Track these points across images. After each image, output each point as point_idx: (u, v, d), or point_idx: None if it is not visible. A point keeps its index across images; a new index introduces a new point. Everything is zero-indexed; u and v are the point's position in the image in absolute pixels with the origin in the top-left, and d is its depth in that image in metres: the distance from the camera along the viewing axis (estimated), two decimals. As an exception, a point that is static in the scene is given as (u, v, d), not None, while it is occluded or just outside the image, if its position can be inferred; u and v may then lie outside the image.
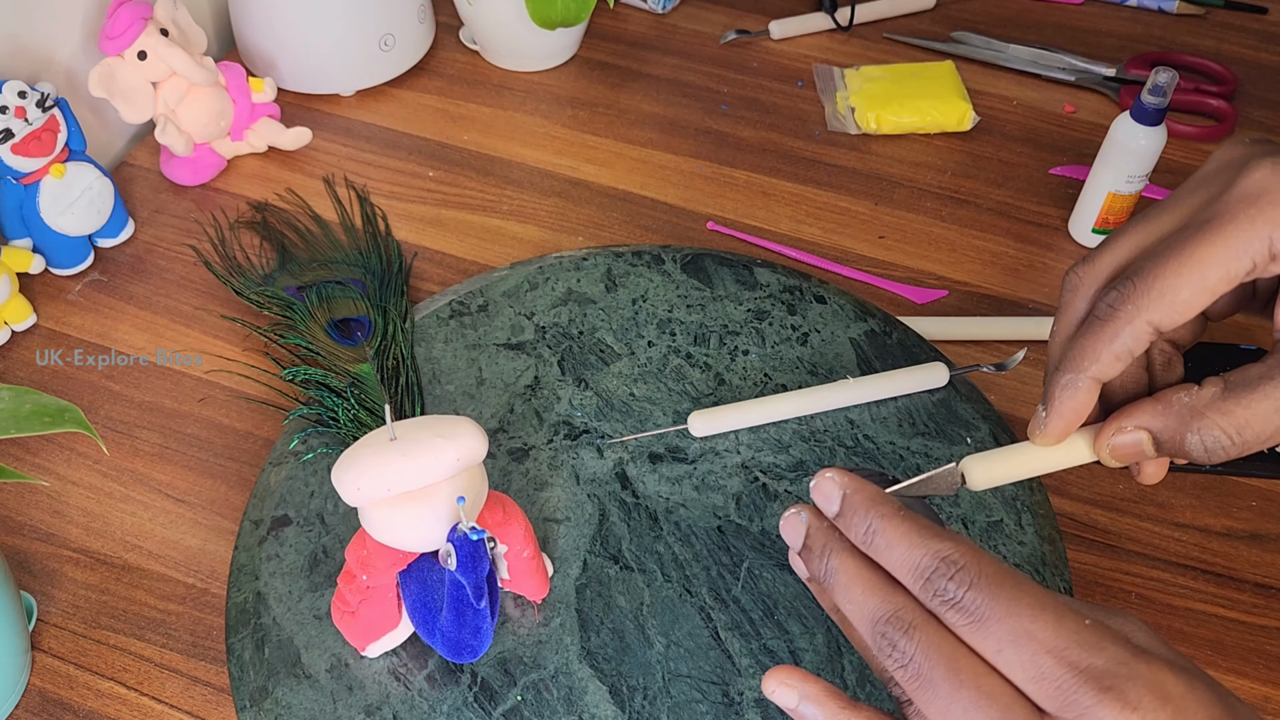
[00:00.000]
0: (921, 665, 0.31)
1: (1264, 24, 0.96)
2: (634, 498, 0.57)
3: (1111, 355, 0.37)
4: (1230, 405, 0.35)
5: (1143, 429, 0.37)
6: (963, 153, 0.83)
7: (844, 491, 0.35)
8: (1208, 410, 0.36)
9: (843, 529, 0.35)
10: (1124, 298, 0.36)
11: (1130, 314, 0.36)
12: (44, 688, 0.53)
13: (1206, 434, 0.36)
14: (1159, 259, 0.36)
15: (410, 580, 0.49)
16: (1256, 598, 0.57)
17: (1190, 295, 0.35)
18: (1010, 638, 0.30)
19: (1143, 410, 0.37)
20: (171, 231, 0.75)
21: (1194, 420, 0.36)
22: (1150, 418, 0.37)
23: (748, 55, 0.91)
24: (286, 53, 0.83)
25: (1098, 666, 0.29)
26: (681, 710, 0.49)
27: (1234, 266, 0.35)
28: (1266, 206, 0.35)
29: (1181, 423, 0.36)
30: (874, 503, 0.34)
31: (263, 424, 0.64)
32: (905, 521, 0.33)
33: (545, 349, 0.64)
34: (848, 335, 0.65)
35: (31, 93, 0.66)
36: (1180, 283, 0.35)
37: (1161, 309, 0.36)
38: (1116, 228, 0.39)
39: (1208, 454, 0.36)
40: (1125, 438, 0.38)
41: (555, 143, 0.83)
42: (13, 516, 0.59)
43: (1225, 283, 0.35)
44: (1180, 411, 0.36)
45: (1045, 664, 0.29)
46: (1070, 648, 0.29)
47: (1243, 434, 0.35)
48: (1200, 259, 0.35)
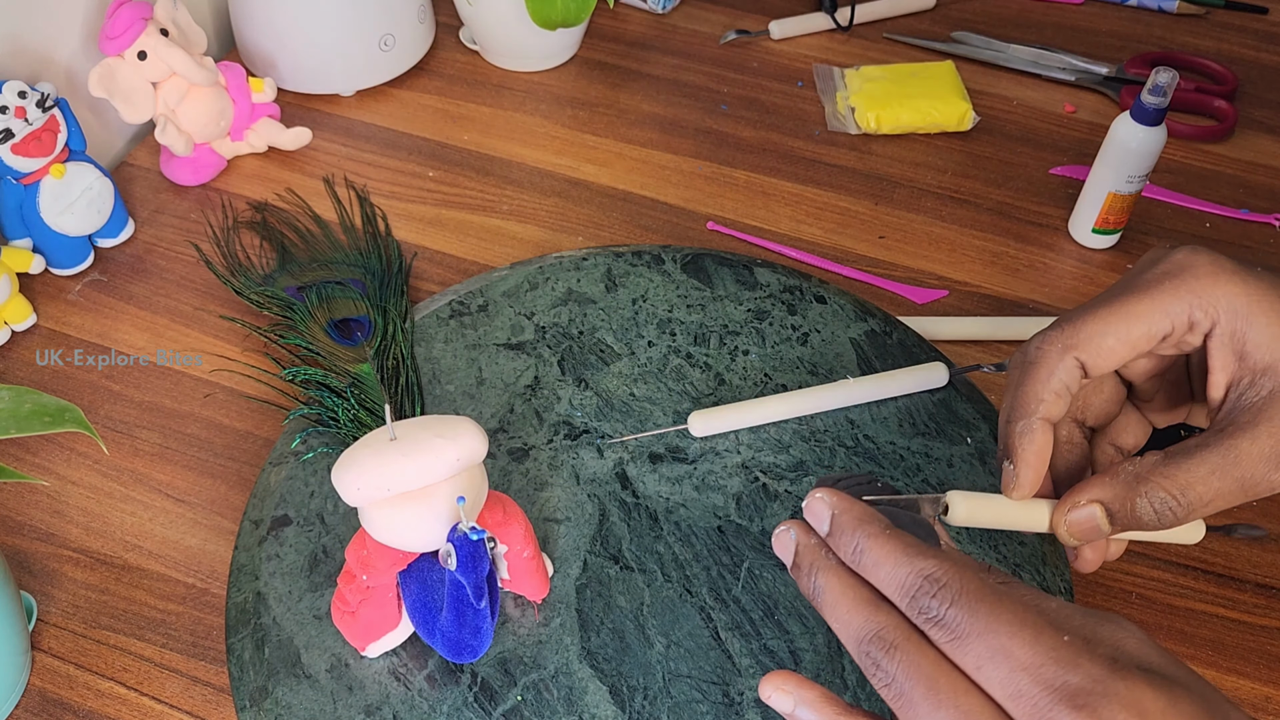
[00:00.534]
0: (903, 685, 0.32)
1: (1264, 24, 0.96)
2: (634, 498, 0.57)
3: (1051, 393, 0.40)
4: (1171, 469, 0.38)
5: (1095, 501, 0.40)
6: (963, 153, 0.83)
7: (833, 511, 0.36)
8: (1151, 475, 0.39)
9: (834, 548, 0.36)
10: (1050, 339, 0.41)
11: (1059, 351, 0.40)
12: (44, 688, 0.53)
13: (1153, 497, 0.39)
14: (1088, 309, 0.41)
15: (410, 580, 0.49)
16: (1257, 598, 0.57)
17: (1114, 343, 0.40)
18: (988, 654, 0.31)
19: (1092, 484, 0.40)
20: (171, 231, 0.75)
21: (1140, 485, 0.39)
22: (1099, 489, 0.40)
23: (748, 55, 0.91)
24: (286, 53, 0.83)
25: (1073, 684, 0.29)
26: (682, 710, 0.49)
27: (1155, 326, 0.40)
28: (1188, 279, 0.39)
29: (1129, 489, 0.39)
30: (861, 522, 0.35)
31: (263, 424, 0.64)
32: (891, 540, 0.34)
33: (545, 349, 0.64)
34: (848, 335, 0.65)
35: (31, 93, 0.66)
36: (1107, 329, 0.40)
37: (1089, 350, 0.40)
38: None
39: (1158, 516, 0.39)
40: (1080, 513, 0.40)
41: (555, 143, 0.83)
42: (13, 516, 0.59)
43: (1146, 339, 0.40)
44: (1126, 479, 0.39)
45: (1021, 682, 0.30)
46: (1046, 665, 0.30)
47: (1186, 494, 0.38)
48: (1126, 313, 0.40)
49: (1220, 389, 0.40)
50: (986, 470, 0.59)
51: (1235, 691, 0.54)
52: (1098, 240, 0.75)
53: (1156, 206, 0.78)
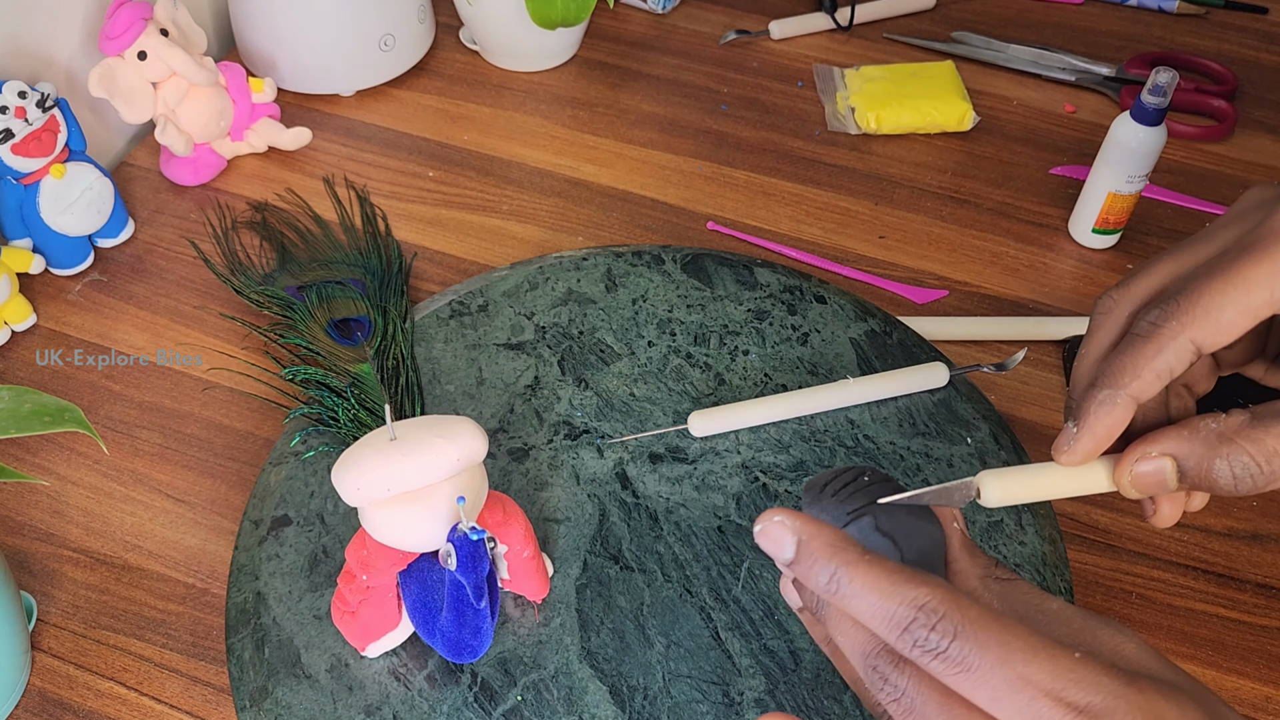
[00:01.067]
0: (914, 699, 0.31)
1: (1264, 24, 0.96)
2: (634, 498, 0.57)
3: (1153, 373, 0.36)
4: (1259, 433, 0.35)
5: (1168, 455, 0.36)
6: (963, 153, 0.83)
7: (798, 537, 0.33)
8: (1236, 436, 0.35)
9: (800, 577, 0.33)
10: (1167, 315, 0.36)
11: (1174, 330, 0.36)
12: (44, 688, 0.53)
13: (1235, 460, 0.35)
14: (1203, 279, 0.36)
15: (410, 580, 0.49)
16: (1257, 598, 0.57)
17: (1234, 315, 0.35)
18: (1006, 685, 0.29)
19: (1168, 436, 0.36)
20: (171, 231, 0.75)
21: (1222, 446, 0.35)
22: (1176, 444, 0.36)
23: (748, 55, 0.91)
24: (286, 53, 0.83)
25: (1095, 704, 0.29)
26: (681, 710, 0.49)
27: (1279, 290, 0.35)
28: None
29: (1209, 449, 0.35)
30: (835, 549, 0.33)
31: (263, 424, 0.64)
32: (873, 568, 0.32)
33: (545, 349, 0.64)
34: (848, 335, 0.65)
35: (31, 93, 0.66)
36: (1225, 301, 0.35)
37: (1206, 328, 0.35)
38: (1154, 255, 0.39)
39: (1235, 482, 0.35)
40: (1148, 465, 0.37)
41: (555, 143, 0.83)
42: (13, 516, 0.59)
43: (1269, 306, 0.35)
44: (1208, 437, 0.36)
45: (1044, 708, 0.29)
46: (1066, 688, 0.29)
47: (1271, 462, 0.35)
48: (1245, 279, 0.35)
49: None
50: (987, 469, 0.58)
51: (1235, 691, 0.54)
52: (1098, 240, 0.75)
53: (1156, 206, 0.78)
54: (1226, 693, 0.54)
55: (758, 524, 0.34)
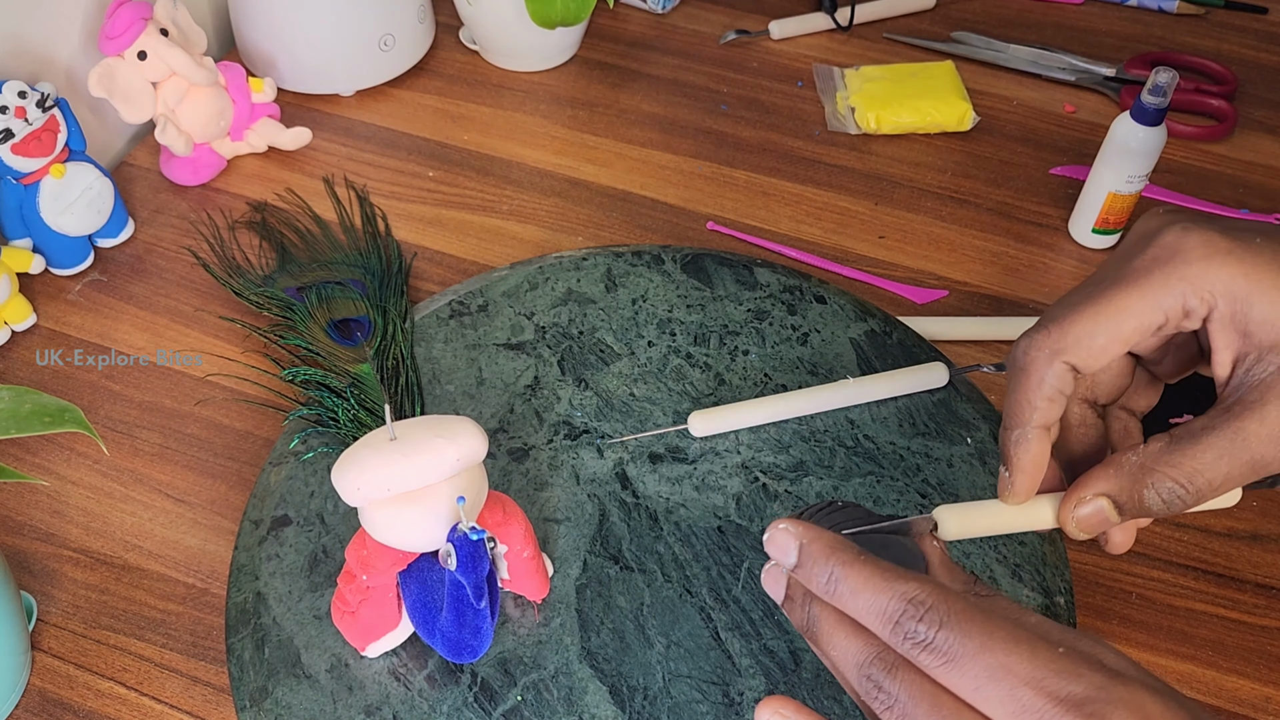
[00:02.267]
0: (906, 705, 0.31)
1: (1264, 24, 0.96)
2: (634, 498, 0.57)
3: (1044, 400, 0.38)
4: (1177, 457, 0.37)
5: (1101, 495, 0.38)
6: (963, 153, 0.83)
7: (800, 542, 0.35)
8: (1156, 465, 0.37)
9: (803, 580, 0.35)
10: (1037, 344, 0.38)
11: (1048, 357, 0.38)
12: (44, 688, 0.53)
13: (1161, 487, 0.37)
14: (1074, 307, 0.38)
15: (410, 580, 0.49)
16: (1257, 598, 0.57)
17: (1106, 342, 0.37)
18: (987, 674, 0.30)
19: (1097, 477, 0.38)
20: (171, 231, 0.75)
21: (1145, 476, 0.37)
22: (1105, 483, 0.38)
23: (748, 55, 0.91)
24: (286, 53, 0.83)
25: (1078, 694, 0.29)
26: (681, 710, 0.49)
27: (1147, 319, 0.37)
28: (1180, 265, 0.37)
29: (1135, 481, 0.37)
30: (833, 550, 0.34)
31: (263, 424, 0.64)
32: (867, 566, 0.33)
33: (545, 349, 0.64)
34: (848, 335, 0.65)
35: (31, 93, 0.66)
36: (1096, 329, 0.37)
37: (1078, 352, 0.38)
38: None
39: (1166, 506, 0.37)
40: (1086, 508, 0.39)
41: (555, 143, 0.83)
42: (13, 516, 0.59)
43: (1139, 333, 0.37)
44: (1131, 470, 0.38)
45: (1025, 696, 0.29)
46: (1048, 678, 0.29)
47: (1194, 482, 0.36)
48: (1115, 309, 0.37)
49: (1225, 367, 0.38)
50: (987, 470, 0.59)
51: (1235, 691, 0.54)
52: (1098, 240, 0.75)
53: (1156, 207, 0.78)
54: (1226, 693, 0.54)
55: (766, 533, 0.36)
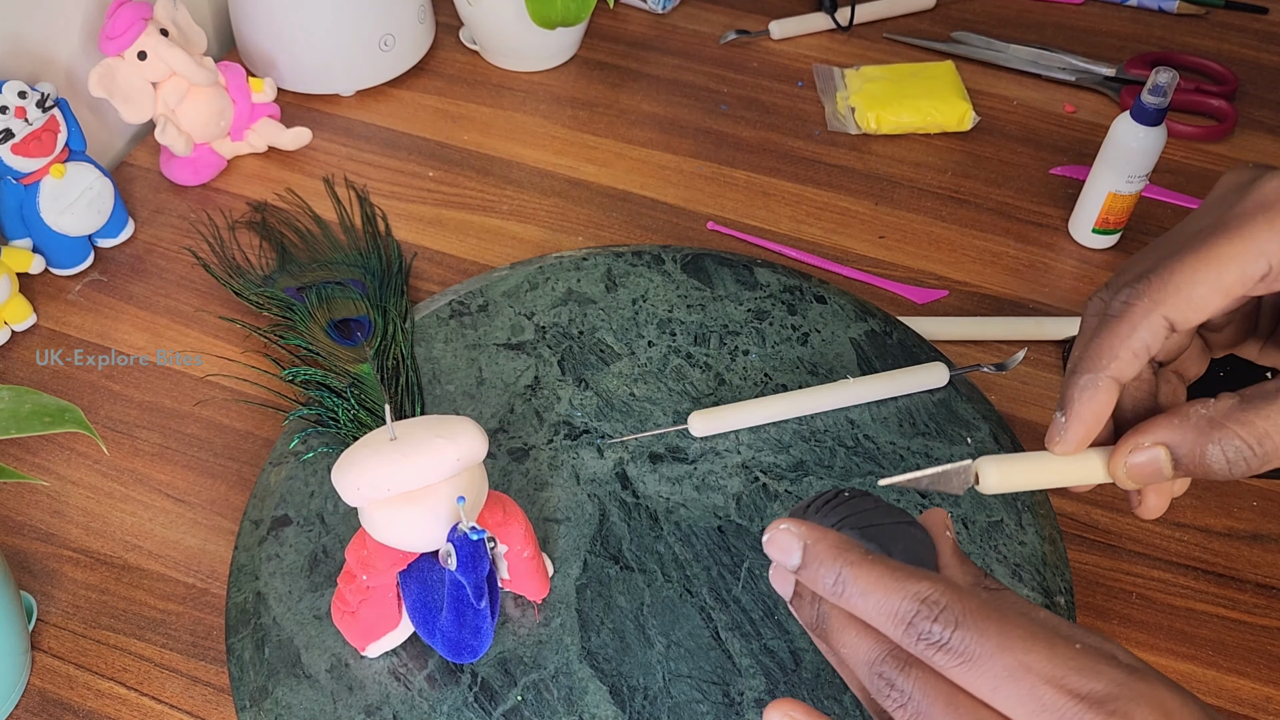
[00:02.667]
0: (920, 702, 0.31)
1: (1264, 24, 0.96)
2: (634, 498, 0.57)
3: (1129, 352, 0.37)
4: (1249, 415, 0.35)
5: (1160, 444, 0.37)
6: (963, 153, 0.83)
7: (804, 542, 0.34)
8: (1227, 421, 0.35)
9: (807, 583, 0.34)
10: (1138, 293, 0.36)
11: (1146, 308, 0.36)
12: (44, 688, 0.53)
13: (1228, 445, 0.35)
14: (1174, 257, 0.36)
15: (410, 580, 0.49)
16: (1258, 598, 0.57)
17: (1206, 293, 0.36)
18: (1006, 673, 0.29)
19: (1159, 425, 0.37)
20: (171, 231, 0.75)
21: (1214, 431, 0.35)
22: (1168, 432, 0.36)
23: (748, 55, 0.91)
24: (286, 53, 0.83)
25: (1099, 691, 0.29)
26: (682, 710, 0.49)
27: (1250, 268, 0.35)
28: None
29: (1201, 435, 0.36)
30: (840, 550, 0.33)
31: (263, 424, 0.64)
32: (876, 566, 0.32)
33: (545, 349, 0.64)
34: (848, 335, 0.65)
35: (31, 93, 0.66)
36: (1197, 278, 0.35)
37: (1178, 304, 0.36)
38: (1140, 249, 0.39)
39: (1229, 466, 0.36)
40: (1142, 455, 0.37)
41: (555, 143, 0.83)
42: (13, 516, 0.59)
43: (1241, 284, 0.36)
44: (1198, 424, 0.36)
45: (1046, 695, 0.29)
46: (1068, 675, 0.29)
47: (1263, 444, 0.35)
48: (1217, 257, 0.35)
49: None
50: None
51: (1235, 691, 0.54)
52: (1098, 240, 0.75)
53: (1156, 206, 0.78)
54: (1226, 692, 0.54)
55: (766, 533, 0.35)
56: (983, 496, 0.57)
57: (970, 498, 0.57)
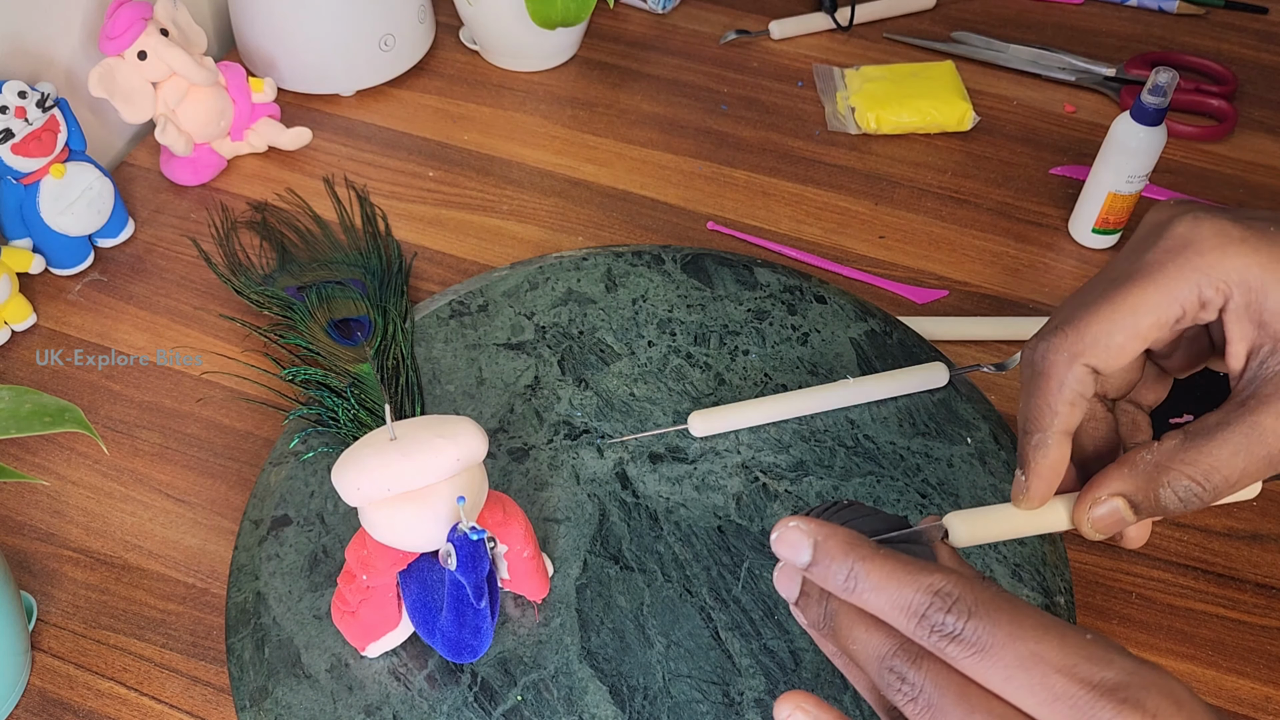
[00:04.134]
0: (932, 695, 0.31)
1: (1264, 24, 0.96)
2: (634, 498, 0.57)
3: (1065, 404, 0.38)
4: (1193, 455, 0.36)
5: (1116, 495, 0.38)
6: (963, 153, 0.83)
7: (814, 539, 0.34)
8: (1171, 463, 0.36)
9: (818, 579, 0.34)
10: (1055, 346, 0.37)
11: (1067, 360, 0.37)
12: (44, 688, 0.53)
13: (1177, 485, 0.36)
14: (1089, 307, 0.37)
15: (410, 580, 0.49)
16: (1257, 598, 0.57)
17: (1124, 340, 0.37)
18: (1018, 662, 0.30)
19: (1112, 477, 0.38)
20: (171, 231, 0.75)
21: (1161, 475, 0.36)
22: (1120, 483, 0.37)
23: (748, 55, 0.91)
24: (286, 53, 0.83)
25: (1111, 679, 0.29)
26: (682, 710, 0.49)
27: (1164, 313, 0.36)
28: (1193, 256, 0.36)
29: (1150, 480, 0.37)
30: (851, 546, 0.33)
31: (263, 424, 0.64)
32: (888, 560, 0.33)
33: (545, 349, 0.64)
34: (848, 335, 0.65)
35: (31, 93, 0.66)
36: (1113, 328, 0.36)
37: (1097, 353, 0.37)
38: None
39: (1183, 505, 0.37)
40: (1102, 508, 0.38)
41: (555, 143, 0.83)
42: (13, 516, 0.59)
43: (1157, 328, 0.37)
44: (1146, 470, 0.37)
45: (1058, 684, 0.29)
46: (1080, 664, 0.29)
47: (1210, 479, 0.36)
48: (1131, 306, 0.36)
49: (1240, 359, 0.37)
50: (987, 470, 0.59)
51: (1235, 691, 0.54)
52: (1098, 240, 0.75)
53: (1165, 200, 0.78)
54: (1226, 692, 0.54)
55: (774, 531, 0.35)
56: (982, 496, 0.57)
57: (971, 499, 0.57)
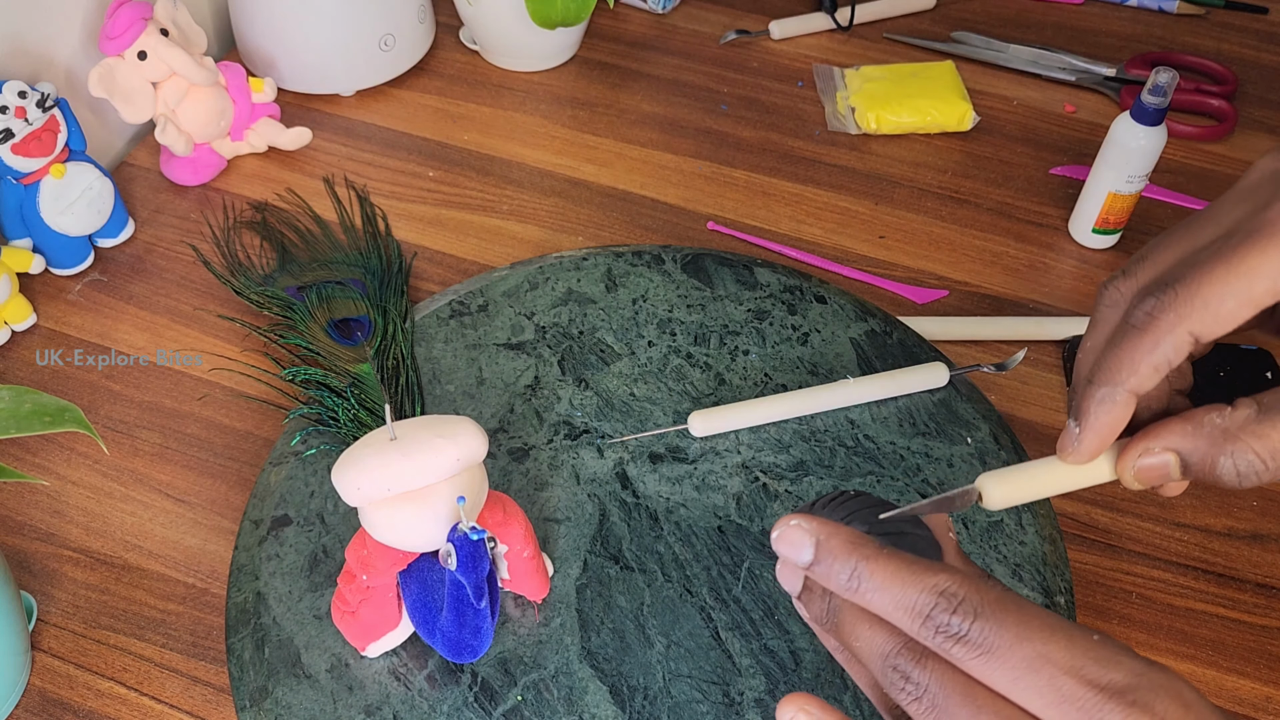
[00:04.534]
0: (937, 695, 0.30)
1: (1264, 24, 0.96)
2: (634, 498, 0.57)
3: (1150, 367, 0.35)
4: (1266, 429, 0.33)
5: (1171, 450, 0.35)
6: (963, 153, 0.83)
7: (816, 538, 0.33)
8: (1241, 433, 0.34)
9: (820, 579, 0.33)
10: (1163, 306, 0.34)
11: (1171, 323, 0.34)
12: (44, 688, 0.53)
13: (1240, 457, 0.34)
14: (1203, 267, 0.34)
15: (410, 580, 0.49)
16: (1257, 598, 0.57)
17: (1235, 306, 0.33)
18: (1025, 663, 0.29)
19: (1171, 431, 0.35)
20: (171, 231, 0.75)
21: (1227, 443, 0.34)
22: (1180, 439, 0.35)
23: (748, 55, 0.91)
24: (286, 53, 0.83)
25: (1119, 682, 0.28)
26: (682, 710, 0.49)
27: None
28: None
29: (1213, 445, 0.34)
30: (854, 545, 0.33)
31: (263, 424, 0.64)
32: (892, 560, 0.32)
33: (545, 349, 0.64)
34: (848, 335, 0.65)
35: (31, 93, 0.66)
36: (1226, 291, 0.33)
37: (1204, 319, 0.34)
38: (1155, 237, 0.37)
39: (1239, 478, 0.34)
40: (1152, 459, 0.36)
41: (555, 143, 0.83)
42: (13, 516, 0.59)
43: (1271, 295, 0.33)
44: (1212, 433, 0.34)
45: (1066, 686, 0.29)
46: (1088, 666, 0.29)
47: (1277, 458, 0.34)
48: (1248, 268, 0.33)
49: None
50: (987, 470, 0.58)
51: (1235, 691, 0.54)
52: (1098, 240, 0.75)
53: (1156, 206, 0.78)
54: (1226, 692, 0.54)
55: (775, 530, 0.34)
56: (983, 496, 0.57)
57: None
